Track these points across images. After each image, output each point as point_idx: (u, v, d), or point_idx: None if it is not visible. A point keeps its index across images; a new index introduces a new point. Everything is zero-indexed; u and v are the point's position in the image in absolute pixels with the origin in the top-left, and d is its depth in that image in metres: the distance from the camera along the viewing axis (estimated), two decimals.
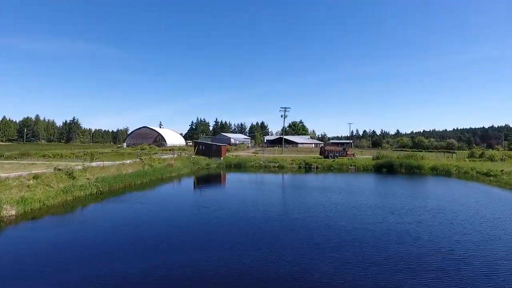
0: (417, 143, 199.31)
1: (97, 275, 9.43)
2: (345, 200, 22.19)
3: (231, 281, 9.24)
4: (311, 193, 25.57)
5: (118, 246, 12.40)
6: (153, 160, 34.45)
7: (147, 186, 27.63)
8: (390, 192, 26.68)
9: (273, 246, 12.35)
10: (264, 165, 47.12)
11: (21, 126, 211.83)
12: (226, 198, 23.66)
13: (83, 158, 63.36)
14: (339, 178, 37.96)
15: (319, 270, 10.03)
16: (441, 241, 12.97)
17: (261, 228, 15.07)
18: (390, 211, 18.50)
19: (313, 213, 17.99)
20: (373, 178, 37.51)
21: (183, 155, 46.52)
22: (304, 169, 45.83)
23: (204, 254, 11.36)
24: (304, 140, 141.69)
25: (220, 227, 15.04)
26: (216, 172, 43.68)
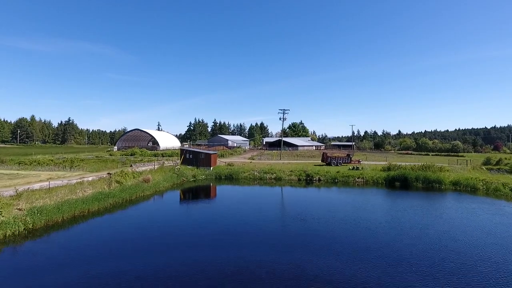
0: (421, 145, 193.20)
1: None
2: (356, 236, 16.55)
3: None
4: (313, 224, 19.84)
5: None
6: (125, 175, 28.83)
7: (108, 211, 22.04)
8: (417, 221, 20.98)
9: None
10: (259, 176, 41.52)
11: (15, 127, 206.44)
12: (207, 231, 17.95)
13: (63, 165, 58.13)
14: (345, 195, 32.35)
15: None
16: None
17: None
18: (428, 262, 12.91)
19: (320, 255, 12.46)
20: (385, 196, 31.88)
21: (166, 165, 40.90)
22: (305, 181, 40.20)
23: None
24: (304, 143, 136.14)
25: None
26: (203, 186, 38.09)
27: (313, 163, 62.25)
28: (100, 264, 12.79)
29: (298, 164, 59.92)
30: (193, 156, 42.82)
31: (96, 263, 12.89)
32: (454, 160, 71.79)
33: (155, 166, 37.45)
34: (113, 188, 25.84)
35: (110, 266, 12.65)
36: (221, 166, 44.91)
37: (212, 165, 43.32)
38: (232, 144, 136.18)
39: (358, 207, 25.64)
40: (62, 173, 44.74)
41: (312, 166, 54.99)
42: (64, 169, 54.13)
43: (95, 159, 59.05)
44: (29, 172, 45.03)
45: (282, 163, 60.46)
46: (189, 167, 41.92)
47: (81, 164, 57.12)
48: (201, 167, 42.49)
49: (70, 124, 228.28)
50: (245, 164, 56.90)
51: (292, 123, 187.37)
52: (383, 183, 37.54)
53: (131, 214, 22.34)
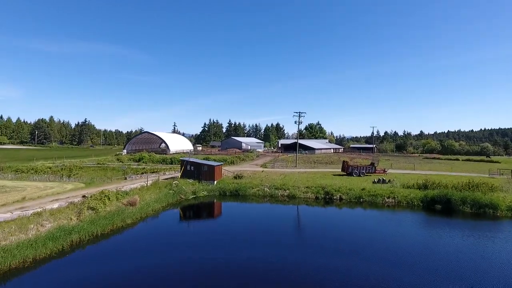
0: (447, 147, 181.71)
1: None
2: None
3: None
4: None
5: None
6: (104, 198, 23.74)
7: (61, 254, 16.88)
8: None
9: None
10: (269, 193, 35.68)
11: (34, 128, 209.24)
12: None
13: (60, 174, 54.35)
14: (372, 220, 26.14)
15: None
16: None
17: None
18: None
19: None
20: (425, 224, 25.46)
21: (164, 179, 35.72)
22: (323, 200, 34.08)
23: None
24: (322, 145, 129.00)
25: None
26: (204, 204, 32.76)
27: (332, 172, 55.94)
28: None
29: (315, 173, 53.78)
30: (195, 168, 37.53)
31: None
32: (492, 167, 63.51)
33: (148, 182, 32.30)
34: (84, 218, 20.75)
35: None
36: (227, 179, 39.41)
37: (217, 178, 37.90)
38: (246, 146, 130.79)
39: (391, 240, 19.62)
40: (52, 184, 40.62)
41: (330, 177, 48.85)
42: (60, 179, 50.35)
43: (95, 167, 55.01)
44: (17, 184, 41.24)
45: (298, 172, 54.49)
46: (189, 181, 36.65)
47: (80, 173, 53.18)
48: (203, 180, 37.15)
49: (87, 125, 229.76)
50: (256, 173, 51.29)
51: (309, 124, 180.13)
52: (419, 205, 30.88)
53: (96, 254, 17.15)
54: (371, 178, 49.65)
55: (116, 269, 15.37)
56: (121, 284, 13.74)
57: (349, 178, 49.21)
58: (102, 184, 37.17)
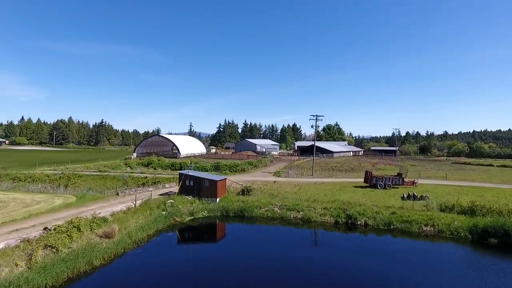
0: (475, 149, 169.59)
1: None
2: None
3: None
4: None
5: None
6: (72, 230, 19.16)
7: None
8: None
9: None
10: (280, 214, 30.25)
11: (52, 129, 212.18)
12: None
13: (58, 183, 51.03)
14: (407, 255, 20.27)
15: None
16: None
17: None
18: None
19: None
20: (478, 267, 19.42)
21: (156, 198, 30.94)
22: (345, 225, 28.39)
23: None
24: (340, 148, 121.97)
25: None
26: (202, 228, 27.85)
27: (352, 182, 49.91)
28: None
29: (334, 185, 47.93)
30: (195, 183, 32.62)
31: None
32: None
33: (137, 202, 27.56)
34: (36, 262, 16.16)
35: None
36: (231, 197, 34.25)
37: (219, 195, 32.85)
38: (261, 149, 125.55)
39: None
40: (42, 198, 36.93)
41: (351, 191, 43.06)
42: (56, 189, 46.95)
43: (95, 176, 51.31)
44: (4, 197, 37.86)
45: (314, 183, 48.82)
46: (188, 198, 31.82)
47: (78, 182, 49.55)
48: (204, 198, 32.22)
49: (103, 126, 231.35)
50: (267, 185, 46.03)
51: (326, 125, 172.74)
52: (467, 237, 24.66)
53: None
54: (398, 191, 43.50)
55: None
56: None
57: (373, 191, 43.28)
58: (92, 200, 33.03)
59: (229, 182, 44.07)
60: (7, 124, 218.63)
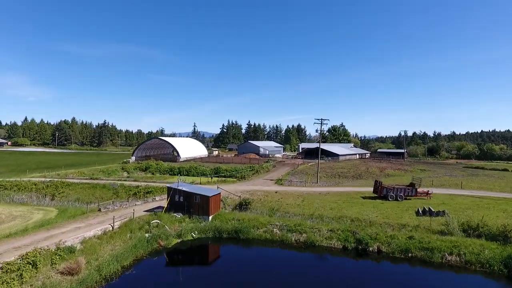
0: (486, 151, 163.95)
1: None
2: None
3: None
4: None
5: None
6: (25, 268, 15.80)
7: None
8: None
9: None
10: (280, 236, 26.54)
11: (55, 130, 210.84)
12: None
13: (44, 192, 47.94)
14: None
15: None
16: None
17: None
18: None
19: None
20: None
21: (141, 216, 27.43)
22: (354, 250, 24.67)
23: None
24: (346, 150, 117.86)
25: None
26: (190, 253, 24.36)
27: (360, 193, 46.13)
28: None
29: (341, 195, 44.24)
30: (185, 198, 29.07)
31: None
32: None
33: (114, 224, 24.05)
34: None
35: None
36: (225, 214, 30.54)
37: (212, 212, 29.27)
38: (264, 151, 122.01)
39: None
40: (21, 211, 33.86)
41: (360, 203, 39.50)
42: (41, 200, 43.88)
43: (85, 184, 48.14)
44: None
45: (319, 193, 45.19)
46: (177, 216, 28.31)
47: (66, 191, 46.32)
48: (195, 215, 28.69)
49: (106, 127, 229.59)
50: (268, 195, 42.51)
51: (332, 126, 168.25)
52: (501, 271, 20.75)
53: None
54: (411, 203, 39.72)
55: None
56: None
57: (384, 203, 39.59)
58: (71, 217, 29.70)
59: (226, 194, 40.62)
60: (10, 125, 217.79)
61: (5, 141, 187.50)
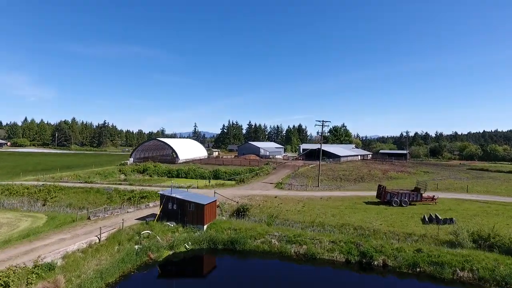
0: (489, 152, 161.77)
1: None
2: None
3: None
4: None
5: None
6: None
7: None
8: None
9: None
10: (279, 247, 24.94)
11: (54, 130, 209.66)
12: None
13: (36, 197, 46.44)
14: None
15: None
16: None
17: None
18: None
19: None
20: None
21: (132, 225, 25.86)
22: (359, 264, 23.07)
23: None
24: (347, 151, 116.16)
25: None
26: (182, 266, 22.80)
27: (363, 197, 44.53)
28: None
29: (343, 200, 42.65)
30: (178, 206, 27.51)
31: None
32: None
33: (101, 236, 22.49)
34: None
35: None
36: (221, 222, 28.85)
37: (207, 221, 27.69)
38: (264, 152, 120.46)
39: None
40: (8, 218, 32.43)
41: (363, 209, 38.00)
42: (32, 205, 42.35)
43: (78, 189, 46.67)
44: None
45: (320, 198, 43.59)
46: (170, 225, 26.76)
47: (59, 196, 44.73)
48: (189, 224, 27.13)
49: (106, 127, 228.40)
50: (267, 201, 40.98)
51: (333, 127, 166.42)
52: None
53: None
54: (417, 209, 38.18)
55: None
56: None
57: (388, 209, 38.05)
58: (60, 225, 28.27)
59: (223, 199, 39.11)
60: (10, 125, 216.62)
61: (4, 141, 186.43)
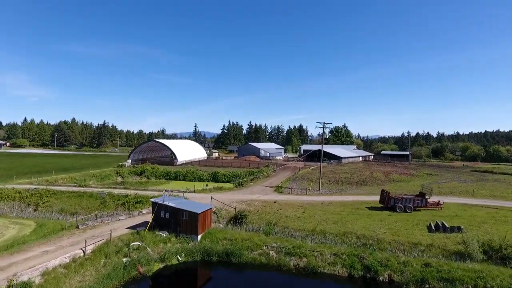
0: (492, 153, 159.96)
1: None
2: None
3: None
4: None
5: None
6: None
7: None
8: None
9: None
10: (277, 260, 23.43)
11: (54, 131, 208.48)
12: None
13: (28, 202, 45.07)
14: None
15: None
16: None
17: None
18: None
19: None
20: None
21: (121, 236, 24.36)
22: (362, 279, 21.54)
23: None
24: (349, 153, 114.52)
25: None
26: (173, 282, 21.30)
27: (366, 202, 43.04)
28: None
29: (345, 205, 41.12)
30: (171, 215, 26.04)
31: None
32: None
33: (87, 249, 21.02)
34: None
35: None
36: (216, 232, 27.28)
37: (202, 231, 26.19)
38: (265, 153, 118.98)
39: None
40: None
41: (366, 215, 36.56)
42: (23, 210, 40.95)
43: (71, 193, 45.23)
44: None
45: (321, 203, 42.07)
46: (162, 235, 25.28)
47: (51, 200, 43.33)
48: (182, 234, 25.64)
49: (105, 127, 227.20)
50: (266, 206, 39.53)
51: (334, 127, 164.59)
52: None
53: None
54: (421, 215, 36.68)
55: None
56: None
57: (392, 215, 36.59)
58: (47, 234, 26.90)
59: (221, 205, 37.64)
60: (10, 125, 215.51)
61: (3, 142, 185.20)
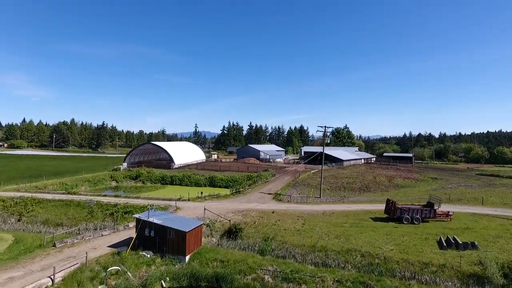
0: (496, 154, 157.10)
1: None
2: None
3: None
4: None
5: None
6: None
7: None
8: None
9: None
10: (273, 286, 20.93)
11: (52, 131, 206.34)
12: None
13: (11, 211, 42.79)
14: None
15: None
16: None
17: None
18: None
19: None
20: None
21: (90, 266, 21.79)
22: None
23: None
24: (350, 155, 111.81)
25: None
26: None
27: (370, 212, 40.58)
28: None
29: (347, 215, 38.64)
30: (156, 233, 23.56)
31: None
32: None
33: (55, 276, 18.53)
34: None
35: None
36: (206, 252, 24.66)
37: (190, 251, 23.67)
38: (265, 156, 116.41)
39: None
40: None
41: (370, 227, 34.16)
42: (8, 219, 38.34)
43: (57, 202, 42.77)
44: None
45: (323, 213, 39.59)
46: (146, 256, 22.78)
47: (36, 210, 40.92)
48: (168, 254, 23.13)
49: (104, 128, 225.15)
50: (263, 217, 37.10)
51: (335, 129, 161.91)
52: None
53: None
54: (430, 228, 34.21)
55: None
56: None
57: (398, 228, 34.18)
58: (20, 254, 24.47)
59: (215, 217, 35.17)
60: (8, 126, 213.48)
61: (1, 143, 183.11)
